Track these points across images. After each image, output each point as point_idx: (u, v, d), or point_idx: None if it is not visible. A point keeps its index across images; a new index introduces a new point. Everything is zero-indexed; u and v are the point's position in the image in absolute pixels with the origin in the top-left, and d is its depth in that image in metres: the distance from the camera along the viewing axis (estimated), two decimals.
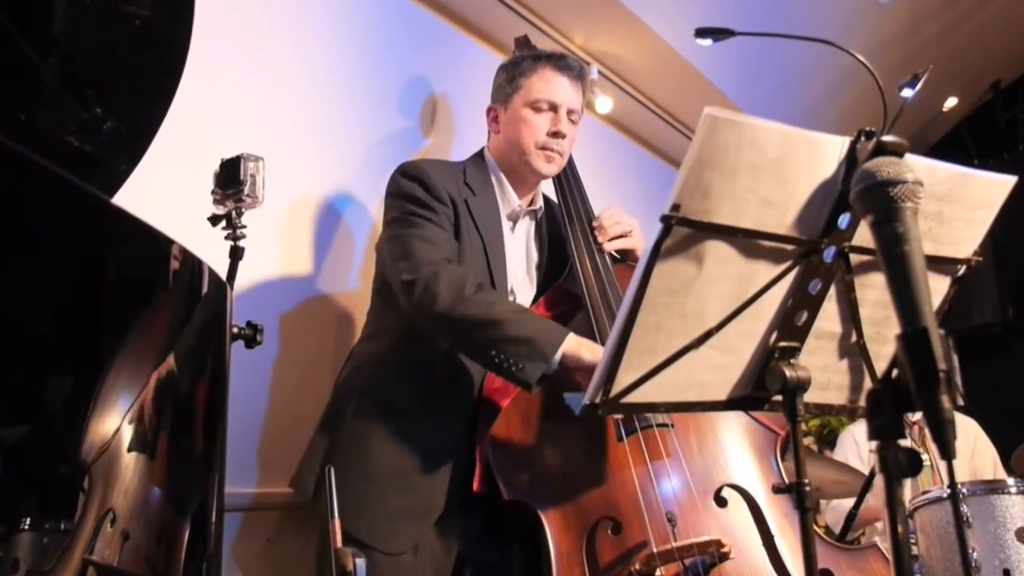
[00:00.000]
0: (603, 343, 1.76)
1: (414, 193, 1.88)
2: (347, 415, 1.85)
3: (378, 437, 1.80)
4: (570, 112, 1.99)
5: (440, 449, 1.82)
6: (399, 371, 1.87)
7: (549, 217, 2.13)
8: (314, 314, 2.28)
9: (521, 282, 2.02)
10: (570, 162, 2.14)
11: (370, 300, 2.03)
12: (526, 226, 2.08)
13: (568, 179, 2.12)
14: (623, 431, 1.72)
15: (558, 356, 1.63)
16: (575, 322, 1.87)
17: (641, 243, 2.07)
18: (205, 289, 1.19)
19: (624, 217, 2.07)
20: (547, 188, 2.16)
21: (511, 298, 1.96)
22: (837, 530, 2.80)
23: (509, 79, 2.02)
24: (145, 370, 1.06)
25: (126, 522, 0.98)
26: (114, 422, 0.99)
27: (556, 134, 1.96)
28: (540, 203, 2.10)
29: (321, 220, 2.33)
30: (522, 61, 2.02)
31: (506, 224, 2.02)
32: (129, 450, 1.01)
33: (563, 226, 2.06)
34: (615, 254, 2.05)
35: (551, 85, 1.97)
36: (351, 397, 1.87)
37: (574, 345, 1.65)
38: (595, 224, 2.04)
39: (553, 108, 1.97)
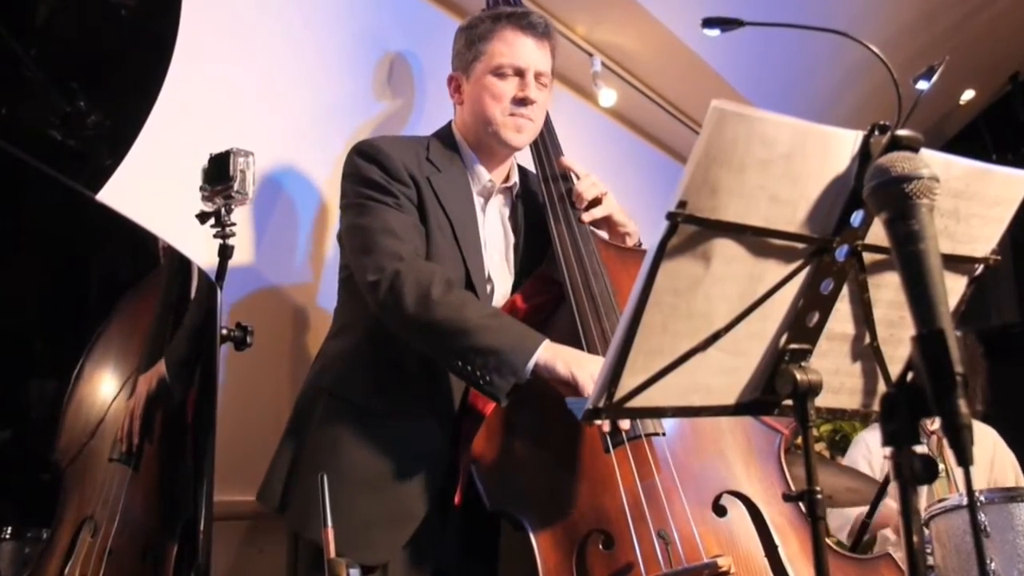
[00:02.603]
0: (586, 336, 1.72)
1: (371, 176, 1.79)
2: (314, 419, 1.78)
3: (348, 440, 1.73)
4: (538, 75, 1.89)
5: (416, 452, 1.74)
6: (368, 370, 1.79)
7: (527, 193, 2.03)
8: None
9: (498, 266, 1.93)
10: (548, 126, 2.07)
11: (336, 293, 1.94)
12: (500, 205, 1.98)
13: (546, 145, 2.03)
14: (610, 442, 1.65)
15: (529, 367, 1.58)
16: (559, 314, 1.81)
17: (615, 206, 1.99)
18: (194, 289, 1.19)
19: (597, 180, 1.99)
20: (525, 158, 2.07)
21: (488, 286, 1.87)
22: (841, 536, 2.80)
23: (468, 44, 1.91)
24: (131, 373, 1.06)
25: (109, 532, 0.98)
26: (95, 425, 0.98)
27: (524, 100, 1.86)
28: (515, 179, 2.01)
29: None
30: (480, 23, 1.92)
31: (478, 202, 1.93)
32: (111, 458, 1.01)
33: (540, 195, 1.98)
34: (595, 230, 1.97)
35: (514, 48, 1.87)
36: (318, 399, 1.80)
37: (548, 356, 1.59)
38: (575, 196, 1.95)
39: (519, 73, 1.87)
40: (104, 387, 1.00)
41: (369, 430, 1.75)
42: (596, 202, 1.97)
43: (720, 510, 1.61)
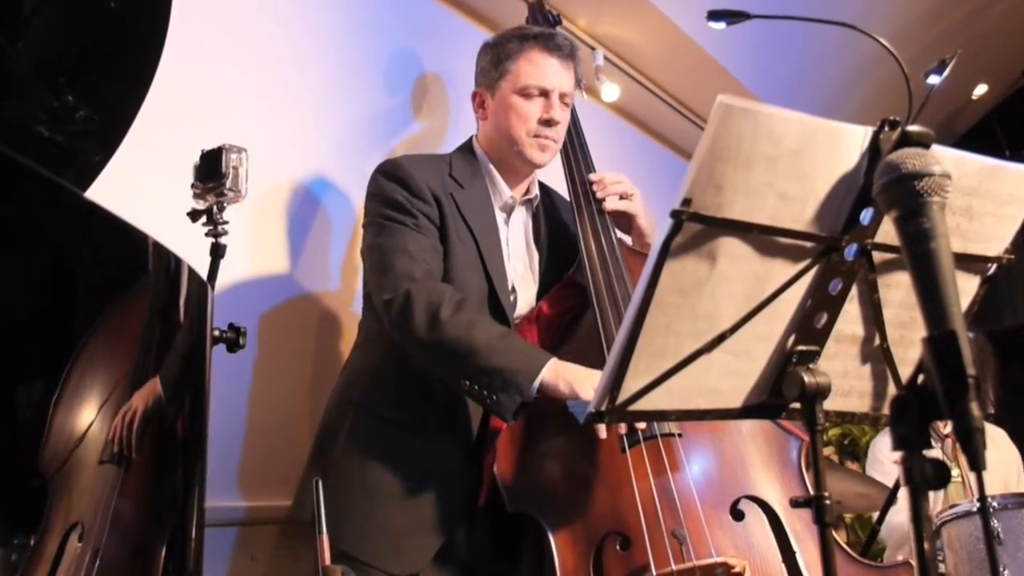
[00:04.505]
0: (607, 341, 1.78)
1: (393, 196, 1.87)
2: (342, 432, 1.85)
3: (376, 452, 1.81)
4: (562, 96, 1.97)
5: (443, 462, 1.82)
6: (393, 383, 1.87)
7: (548, 206, 2.11)
8: (295, 315, 2.27)
9: (522, 277, 2.01)
10: (580, 136, 2.14)
11: (362, 305, 2.03)
12: (522, 218, 2.07)
13: (576, 154, 2.10)
14: (625, 442, 1.70)
15: (535, 388, 1.65)
16: (583, 320, 1.86)
17: (641, 210, 2.05)
18: (184, 289, 1.19)
19: (626, 180, 2.06)
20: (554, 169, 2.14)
21: (512, 296, 1.95)
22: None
23: (494, 62, 1.99)
24: (119, 376, 1.06)
25: (97, 537, 0.98)
26: (83, 429, 0.98)
27: (549, 122, 1.94)
28: (536, 192, 2.09)
29: (299, 213, 2.31)
30: (507, 42, 1.99)
31: (500, 216, 2.01)
32: (100, 461, 1.01)
33: (568, 208, 2.06)
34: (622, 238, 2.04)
35: (540, 69, 1.95)
36: (346, 413, 1.88)
37: (552, 376, 1.65)
38: (594, 179, 2.03)
39: (544, 94, 1.95)
40: (93, 391, 1.00)
41: (396, 443, 1.82)
42: (622, 198, 2.03)
43: (738, 514, 1.63)
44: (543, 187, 2.14)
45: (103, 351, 1.04)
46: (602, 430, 1.72)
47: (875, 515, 2.94)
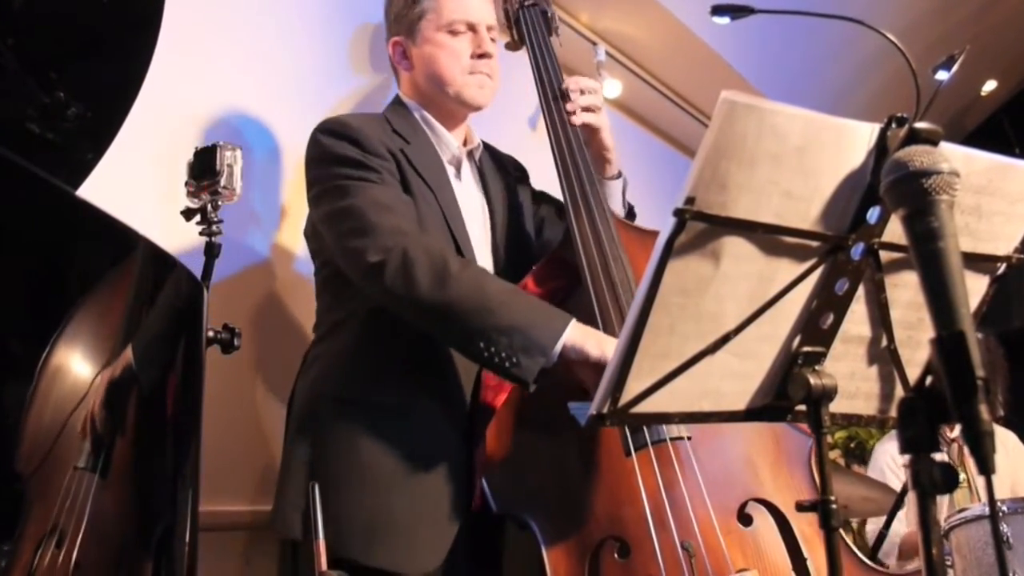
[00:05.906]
0: (604, 325, 1.66)
1: (345, 153, 1.71)
2: (323, 430, 1.70)
3: (368, 443, 1.66)
4: (489, 29, 1.89)
5: (438, 447, 1.69)
6: (374, 366, 1.73)
7: (493, 157, 2.03)
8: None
9: (479, 238, 1.87)
10: (551, 60, 2.04)
11: (315, 294, 1.88)
12: (471, 172, 1.96)
13: (550, 102, 1.97)
14: (631, 445, 1.61)
15: (558, 348, 1.51)
16: (574, 301, 1.75)
17: (606, 123, 1.98)
18: (178, 289, 1.19)
19: (599, 89, 1.98)
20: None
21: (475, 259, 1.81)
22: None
23: (409, 3, 1.89)
24: (104, 377, 1.05)
25: (76, 544, 0.97)
26: (69, 431, 0.98)
27: (484, 55, 1.87)
28: (478, 140, 1.99)
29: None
30: None
31: (450, 171, 1.89)
32: (81, 464, 1.00)
33: (554, 163, 1.91)
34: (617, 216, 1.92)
35: (464, 3, 1.87)
36: (322, 408, 1.72)
37: (578, 335, 1.53)
38: (571, 84, 1.94)
39: (472, 28, 1.87)
40: (74, 391, 1.00)
41: (386, 427, 1.68)
42: (590, 110, 1.95)
43: (745, 519, 1.58)
44: (484, 144, 2.03)
45: (97, 353, 1.04)
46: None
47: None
